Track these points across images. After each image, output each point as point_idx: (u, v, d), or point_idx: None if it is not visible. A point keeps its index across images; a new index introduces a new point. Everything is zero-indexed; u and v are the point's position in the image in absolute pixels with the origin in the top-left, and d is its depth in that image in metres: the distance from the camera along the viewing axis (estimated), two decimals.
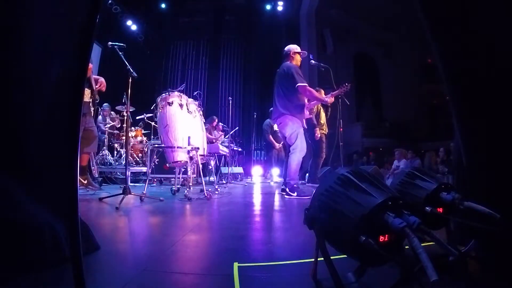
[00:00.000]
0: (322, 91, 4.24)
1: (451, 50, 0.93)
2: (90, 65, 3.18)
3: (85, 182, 3.27)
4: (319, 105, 4.75)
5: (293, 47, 3.57)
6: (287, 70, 3.37)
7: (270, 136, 6.22)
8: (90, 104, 3.31)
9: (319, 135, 4.62)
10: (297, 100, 3.35)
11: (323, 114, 4.94)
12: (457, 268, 0.86)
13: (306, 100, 3.49)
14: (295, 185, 3.29)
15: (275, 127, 6.11)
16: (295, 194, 3.23)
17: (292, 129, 3.33)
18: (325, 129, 4.97)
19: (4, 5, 0.86)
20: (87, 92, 3.23)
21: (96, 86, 3.31)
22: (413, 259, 0.63)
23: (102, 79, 3.44)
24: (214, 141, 5.52)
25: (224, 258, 1.13)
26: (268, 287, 0.88)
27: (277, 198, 3.36)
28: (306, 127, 3.58)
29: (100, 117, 5.06)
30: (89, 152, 3.46)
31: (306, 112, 3.56)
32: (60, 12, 0.95)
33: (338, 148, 4.37)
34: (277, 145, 6.18)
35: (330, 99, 3.54)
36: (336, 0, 11.08)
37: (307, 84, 3.31)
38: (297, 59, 3.55)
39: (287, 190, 3.31)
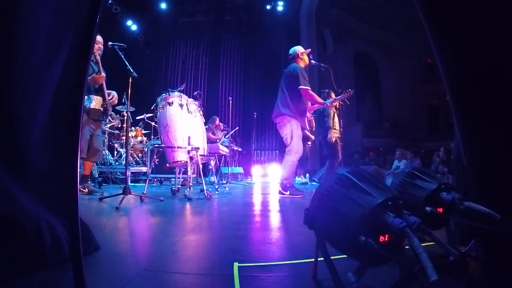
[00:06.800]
0: (333, 94, 4.24)
1: (451, 50, 0.93)
2: (103, 74, 3.13)
3: (85, 190, 3.11)
4: (333, 109, 4.72)
5: (300, 49, 3.59)
6: (293, 71, 3.38)
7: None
8: (103, 112, 3.25)
9: (333, 138, 4.61)
10: (299, 103, 3.34)
11: (336, 118, 4.93)
12: (457, 268, 0.86)
13: (309, 104, 3.49)
14: (287, 184, 3.34)
15: None
16: (288, 192, 3.32)
17: (289, 130, 3.34)
18: (338, 133, 4.97)
19: (5, 5, 0.86)
20: (99, 99, 3.18)
21: (109, 98, 3.27)
22: (413, 259, 0.63)
23: (114, 93, 3.41)
24: (217, 141, 5.50)
25: (224, 258, 1.13)
26: (268, 287, 0.88)
27: (277, 198, 3.36)
28: (315, 129, 3.61)
29: None
30: (94, 160, 3.35)
31: (308, 115, 3.56)
32: (61, 12, 0.95)
33: None
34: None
35: (332, 104, 3.55)
36: (336, 0, 11.08)
37: (309, 88, 3.31)
38: (305, 60, 3.57)
39: (280, 188, 3.38)
